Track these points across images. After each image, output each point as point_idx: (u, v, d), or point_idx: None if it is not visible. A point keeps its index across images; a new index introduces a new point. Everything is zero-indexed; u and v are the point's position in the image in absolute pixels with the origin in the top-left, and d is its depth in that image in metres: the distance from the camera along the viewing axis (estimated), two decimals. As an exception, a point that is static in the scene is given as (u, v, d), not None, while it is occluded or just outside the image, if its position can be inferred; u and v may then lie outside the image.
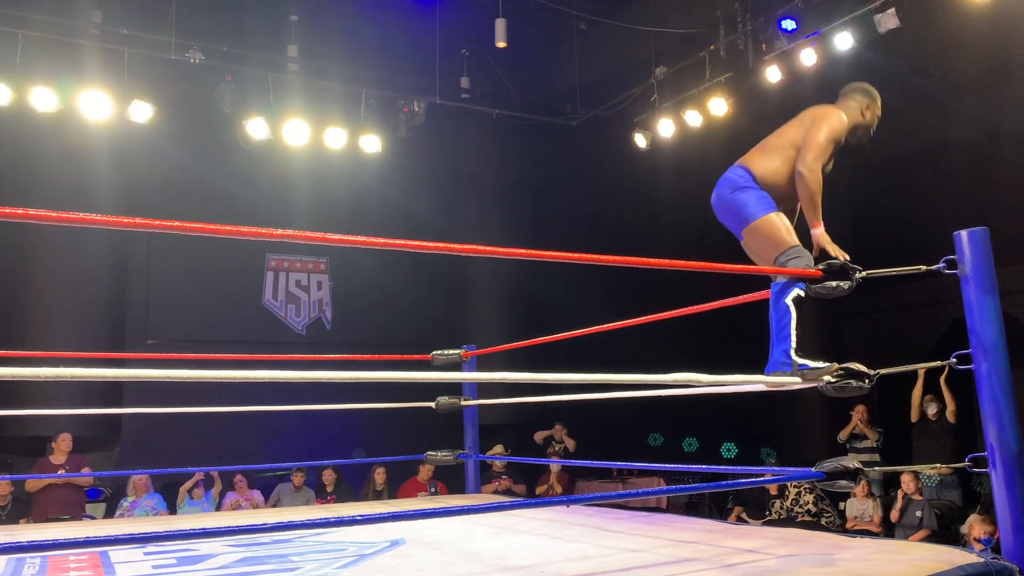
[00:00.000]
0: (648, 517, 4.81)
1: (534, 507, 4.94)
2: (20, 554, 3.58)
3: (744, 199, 3.41)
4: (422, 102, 9.33)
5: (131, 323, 9.21)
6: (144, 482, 7.35)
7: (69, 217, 2.09)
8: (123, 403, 8.45)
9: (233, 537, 4.07)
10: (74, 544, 2.28)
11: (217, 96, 8.50)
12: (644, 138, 9.42)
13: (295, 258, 10.51)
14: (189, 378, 2.34)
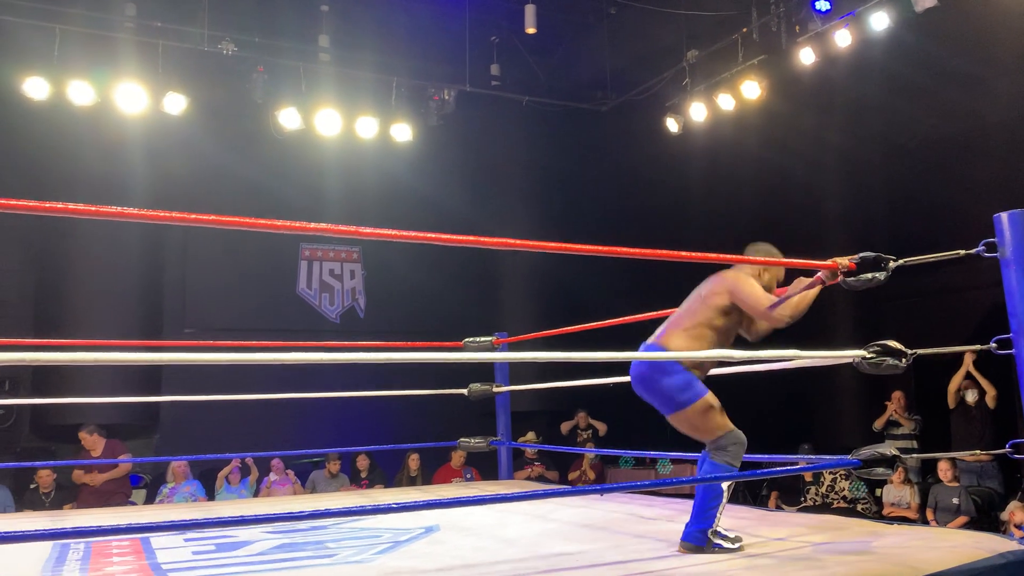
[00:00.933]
0: (682, 504, 4.80)
1: (567, 496, 4.96)
2: (66, 540, 3.67)
3: (676, 384, 3.24)
4: (452, 90, 9.32)
5: (168, 312, 9.36)
6: (183, 469, 7.48)
7: (108, 212, 2.12)
8: (162, 391, 8.60)
9: (270, 524, 4.14)
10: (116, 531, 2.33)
11: (250, 87, 8.56)
12: (676, 123, 9.33)
13: (328, 247, 10.59)
14: (227, 361, 2.38)
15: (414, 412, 8.81)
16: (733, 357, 2.90)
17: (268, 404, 6.90)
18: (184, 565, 3.18)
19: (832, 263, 3.17)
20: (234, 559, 3.30)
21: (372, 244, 10.63)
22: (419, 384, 6.18)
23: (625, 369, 3.44)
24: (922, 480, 7.88)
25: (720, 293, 3.27)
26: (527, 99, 10.00)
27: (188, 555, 3.38)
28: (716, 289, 3.30)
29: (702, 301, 3.33)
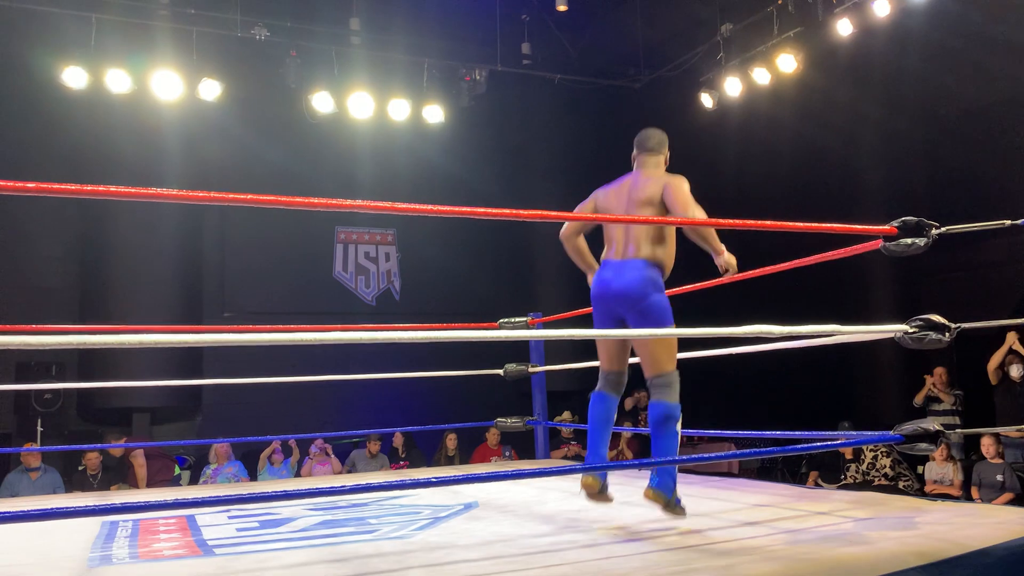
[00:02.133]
0: (720, 481, 4.79)
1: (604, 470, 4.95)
2: (114, 516, 3.76)
3: (663, 304, 3.21)
4: (483, 70, 9.29)
5: (208, 297, 9.52)
6: (225, 450, 7.61)
7: (150, 193, 2.16)
8: (203, 375, 8.75)
9: (313, 500, 4.20)
10: (162, 506, 2.38)
11: (283, 71, 8.63)
12: (711, 98, 9.22)
13: (363, 230, 10.66)
14: (266, 343, 2.41)
15: (451, 393, 8.87)
16: (773, 333, 2.87)
17: (307, 386, 6.99)
18: (229, 541, 3.24)
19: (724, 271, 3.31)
20: (278, 535, 3.35)
21: (406, 227, 10.69)
22: (455, 365, 6.22)
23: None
24: (965, 457, 7.76)
25: (657, 195, 3.27)
26: (559, 77, 9.95)
27: (233, 532, 3.45)
28: (655, 192, 3.29)
29: (645, 206, 3.30)
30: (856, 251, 3.48)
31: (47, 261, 9.04)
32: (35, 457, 6.75)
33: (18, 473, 6.77)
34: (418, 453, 8.47)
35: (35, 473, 6.71)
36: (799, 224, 3.18)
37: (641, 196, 3.30)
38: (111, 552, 3.09)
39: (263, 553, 2.96)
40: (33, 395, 7.99)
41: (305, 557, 2.88)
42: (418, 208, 2.61)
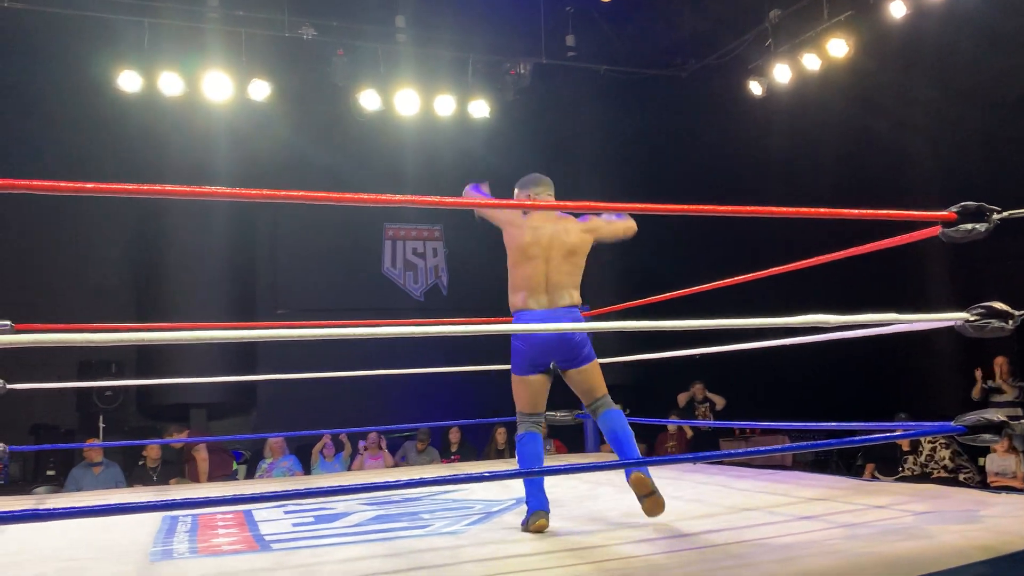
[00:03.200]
0: (774, 475, 4.72)
1: (657, 465, 4.93)
2: (174, 512, 3.85)
3: (587, 340, 3.49)
4: (528, 63, 9.27)
5: (260, 295, 9.71)
6: (280, 444, 7.73)
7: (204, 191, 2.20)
8: (257, 371, 8.91)
9: (367, 495, 4.25)
10: (222, 502, 2.43)
11: (330, 70, 8.72)
12: (759, 85, 9.08)
13: (411, 227, 10.74)
14: (319, 337, 2.45)
15: (500, 387, 8.86)
16: (828, 322, 2.81)
17: (359, 381, 7.06)
18: (286, 536, 3.29)
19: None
20: (332, 530, 3.40)
21: (453, 222, 10.73)
22: (504, 359, 6.21)
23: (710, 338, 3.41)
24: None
25: (587, 242, 3.47)
26: (604, 68, 9.88)
27: (289, 527, 3.50)
28: (584, 241, 3.47)
29: (575, 255, 3.45)
30: (913, 238, 3.39)
31: (105, 262, 9.29)
32: (97, 452, 6.94)
33: (82, 468, 6.96)
34: (469, 447, 8.51)
35: (98, 468, 6.90)
36: (853, 211, 3.11)
37: (571, 241, 3.47)
38: (172, 547, 3.16)
39: (318, 548, 3.00)
40: (95, 392, 8.23)
41: (360, 552, 2.91)
42: (466, 202, 2.62)
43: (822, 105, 9.11)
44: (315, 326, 2.81)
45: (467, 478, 2.65)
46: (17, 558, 3.05)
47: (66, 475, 7.22)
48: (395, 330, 2.57)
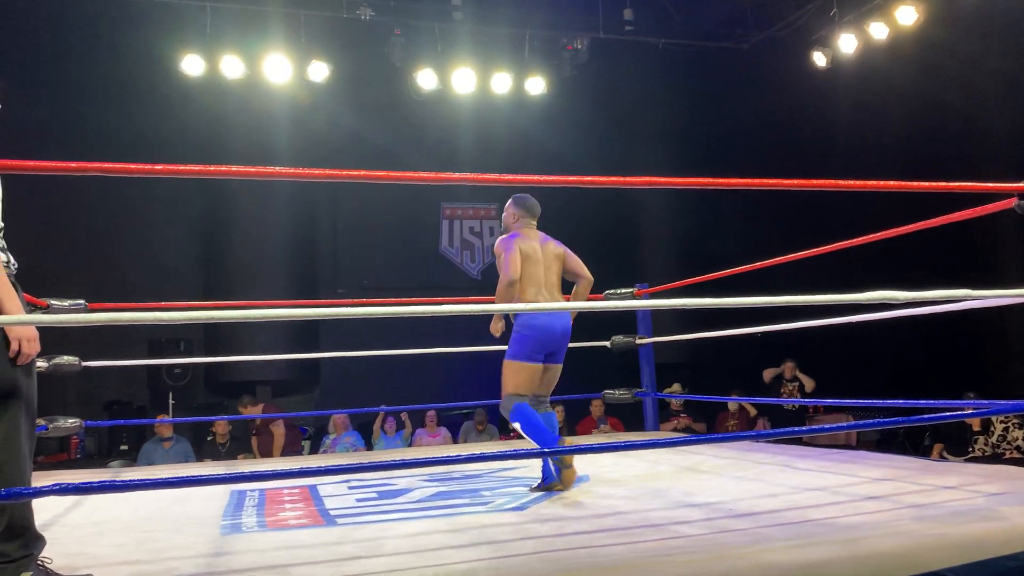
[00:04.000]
0: (838, 454, 4.64)
1: (718, 443, 4.89)
2: (242, 485, 3.95)
3: None
4: (585, 39, 9.18)
5: (322, 274, 9.89)
6: (343, 420, 7.88)
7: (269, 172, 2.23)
8: (320, 348, 9.08)
9: (427, 471, 4.30)
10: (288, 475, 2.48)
11: (388, 50, 8.76)
12: (823, 56, 8.84)
13: (467, 206, 10.79)
14: (379, 315, 2.49)
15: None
16: (896, 299, 2.74)
17: (417, 359, 7.14)
18: (350, 511, 3.35)
19: None
20: (395, 505, 3.45)
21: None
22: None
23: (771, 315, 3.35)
24: (1108, 429, 7.27)
25: (563, 256, 3.96)
26: (663, 42, 9.72)
27: (353, 502, 3.57)
28: (562, 255, 3.97)
29: (559, 262, 3.95)
30: (987, 211, 3.28)
31: (173, 243, 9.54)
32: (168, 428, 7.16)
33: (153, 443, 7.20)
34: (527, 425, 8.55)
35: (168, 443, 7.12)
36: (923, 184, 3.02)
37: (557, 251, 3.97)
38: (241, 520, 3.25)
39: (383, 523, 3.05)
40: (164, 370, 8.49)
41: (423, 527, 2.95)
42: (524, 179, 2.61)
43: (889, 76, 8.83)
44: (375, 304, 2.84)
45: (527, 454, 2.66)
46: (97, 528, 3.17)
47: (138, 450, 7.48)
48: (453, 308, 2.59)
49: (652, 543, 2.54)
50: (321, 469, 2.45)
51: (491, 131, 10.02)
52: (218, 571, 2.45)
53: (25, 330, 2.24)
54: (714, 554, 2.34)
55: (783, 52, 9.64)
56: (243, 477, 2.45)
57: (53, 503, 3.58)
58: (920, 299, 2.92)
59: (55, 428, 4.80)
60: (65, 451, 7.85)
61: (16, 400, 2.24)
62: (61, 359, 4.77)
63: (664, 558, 2.31)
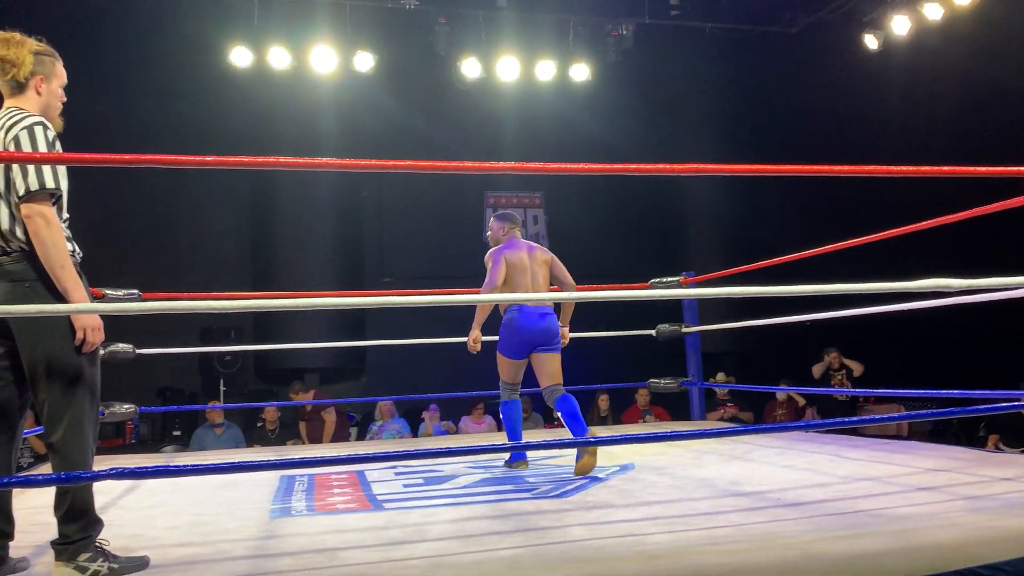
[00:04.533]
0: (890, 444, 4.57)
1: (765, 433, 4.84)
2: (292, 471, 4.02)
3: (558, 334, 4.24)
4: (630, 24, 9.09)
5: (368, 264, 9.99)
6: (389, 407, 7.96)
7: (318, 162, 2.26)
8: (366, 337, 9.18)
9: (472, 458, 4.33)
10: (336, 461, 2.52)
11: (432, 39, 8.78)
12: (875, 39, 8.64)
13: (511, 194, 10.79)
14: (425, 303, 2.52)
15: (603, 354, 8.87)
16: (951, 287, 2.68)
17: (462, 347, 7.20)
18: (397, 496, 3.39)
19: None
20: (441, 491, 3.48)
21: (554, 189, 10.72)
22: (607, 326, 6.20)
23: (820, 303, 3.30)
24: None
25: (549, 262, 4.23)
26: (710, 26, 9.58)
27: (400, 487, 3.61)
28: (548, 261, 4.23)
29: (545, 267, 4.20)
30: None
31: (222, 233, 9.71)
32: (219, 414, 7.31)
33: (204, 429, 7.35)
34: (572, 413, 8.55)
35: (219, 429, 7.27)
36: (978, 169, 2.94)
37: (543, 257, 4.24)
38: (290, 504, 3.30)
39: (429, 508, 3.08)
40: (215, 357, 8.66)
41: (468, 513, 2.98)
42: (568, 167, 2.60)
43: (943, 58, 8.60)
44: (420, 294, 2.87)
45: (572, 443, 2.66)
46: (151, 511, 3.25)
47: (190, 435, 7.65)
48: (497, 297, 2.60)
49: (698, 532, 2.53)
50: (371, 456, 2.48)
51: (535, 119, 10.00)
52: (268, 554, 2.49)
53: (90, 320, 2.30)
54: (762, 544, 2.32)
55: (833, 35, 9.44)
56: (293, 463, 2.49)
57: (110, 487, 3.68)
58: (976, 287, 2.85)
59: (111, 414, 4.93)
60: (120, 436, 8.06)
61: (82, 387, 2.31)
62: (116, 347, 4.90)
63: (710, 547, 2.30)
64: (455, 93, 9.42)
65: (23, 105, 2.38)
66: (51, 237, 2.25)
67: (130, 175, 8.32)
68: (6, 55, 2.35)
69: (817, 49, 9.79)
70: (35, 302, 2.25)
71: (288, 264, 9.17)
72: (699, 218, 10.50)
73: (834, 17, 9.33)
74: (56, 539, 2.28)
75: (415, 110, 9.79)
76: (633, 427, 7.26)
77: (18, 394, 2.36)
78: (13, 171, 2.25)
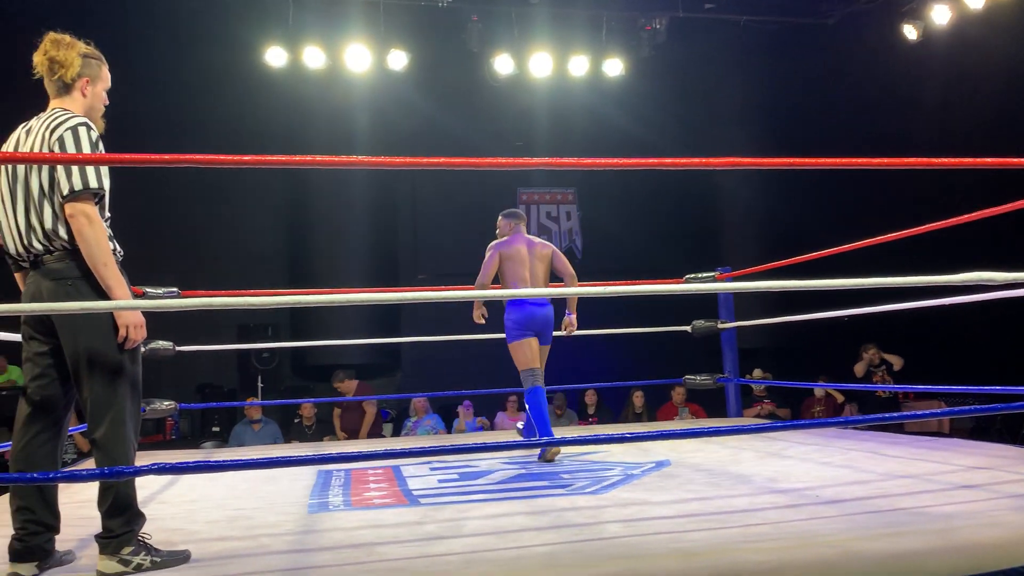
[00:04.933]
0: (930, 442, 4.49)
1: (803, 429, 4.79)
2: (329, 466, 4.06)
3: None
4: (664, 18, 9.02)
5: (402, 261, 10.05)
6: (424, 404, 8.00)
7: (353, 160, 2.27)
8: (401, 333, 9.24)
9: (507, 454, 4.34)
10: (372, 456, 2.54)
11: (465, 36, 8.80)
12: (914, 29, 8.48)
13: (544, 191, 10.78)
14: (459, 299, 2.52)
15: (638, 350, 8.84)
16: (995, 280, 2.62)
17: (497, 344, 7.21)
18: (432, 491, 3.41)
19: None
20: (476, 487, 3.49)
21: (587, 185, 10.69)
22: (641, 323, 6.17)
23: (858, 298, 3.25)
24: None
25: (548, 255, 4.49)
26: (744, 19, 9.47)
27: (435, 483, 3.63)
28: (547, 255, 4.48)
29: (544, 261, 4.46)
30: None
31: (259, 231, 9.83)
32: (257, 410, 7.40)
33: (243, 425, 7.45)
34: (606, 410, 8.53)
35: (257, 425, 7.36)
36: (1020, 160, 2.88)
37: (543, 252, 4.50)
38: (327, 499, 3.34)
39: (464, 504, 3.09)
40: (253, 354, 8.76)
41: (504, 508, 2.98)
42: (601, 162, 2.59)
43: (985, 47, 8.42)
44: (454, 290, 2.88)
45: (607, 439, 2.66)
46: (192, 506, 3.30)
47: (229, 431, 7.75)
48: (531, 292, 2.60)
49: (736, 529, 2.51)
50: (406, 451, 2.49)
51: (568, 115, 9.98)
52: (307, 548, 2.52)
53: (132, 317, 2.34)
54: (800, 542, 2.30)
55: (870, 26, 9.30)
56: (330, 458, 2.51)
57: (151, 481, 3.75)
58: (1019, 280, 2.79)
59: (152, 410, 5.01)
60: (161, 432, 8.19)
61: (123, 384, 2.35)
62: (156, 344, 4.97)
63: (748, 545, 2.28)
64: (488, 90, 9.43)
65: (68, 106, 2.43)
66: (94, 236, 2.29)
67: (169, 174, 8.44)
68: (56, 56, 2.40)
69: (854, 41, 9.64)
70: (78, 300, 2.30)
71: (323, 261, 9.26)
72: (734, 214, 10.41)
73: (872, 7, 9.19)
74: (100, 533, 2.32)
75: (448, 107, 9.82)
76: (669, 424, 7.22)
77: (63, 391, 2.41)
78: (58, 171, 2.30)
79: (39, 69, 2.43)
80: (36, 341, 2.39)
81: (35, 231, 2.33)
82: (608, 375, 8.61)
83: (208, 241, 9.58)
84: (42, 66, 2.42)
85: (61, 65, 2.41)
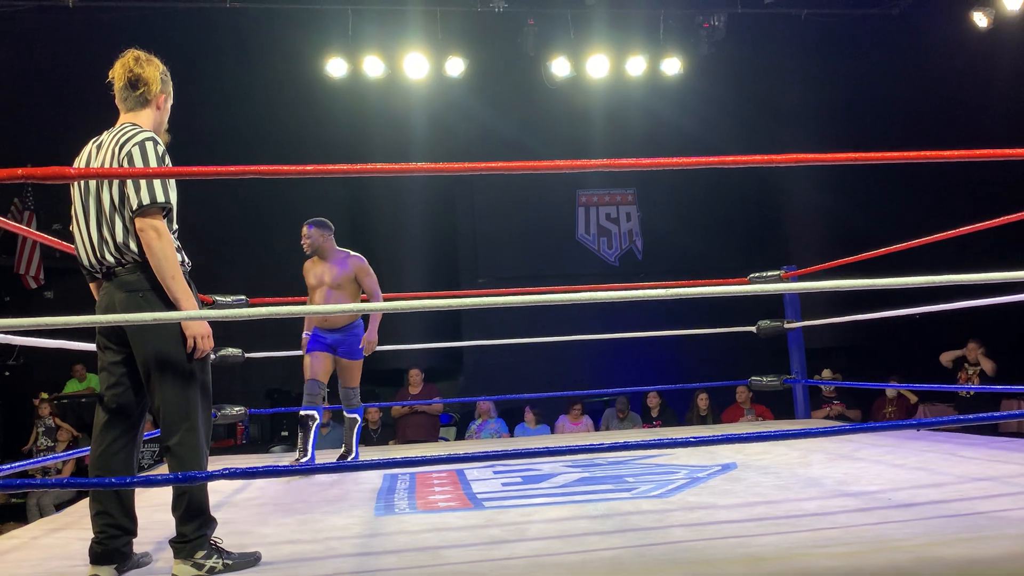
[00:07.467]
0: (1009, 443, 4.34)
1: (874, 431, 4.67)
2: (395, 470, 4.11)
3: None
4: (722, 15, 8.91)
5: (463, 265, 10.13)
6: (488, 407, 8.05)
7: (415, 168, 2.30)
8: (462, 337, 9.30)
9: (571, 458, 4.33)
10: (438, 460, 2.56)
11: (521, 40, 8.83)
12: (984, 16, 8.21)
13: (603, 192, 10.75)
14: (520, 303, 2.52)
15: (702, 352, 8.75)
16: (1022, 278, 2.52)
17: (560, 346, 7.19)
18: (496, 495, 3.42)
19: None
20: (540, 490, 3.49)
21: (646, 185, 10.62)
22: (705, 324, 6.10)
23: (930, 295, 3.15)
24: None
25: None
26: (805, 13, 9.29)
27: (499, 486, 3.64)
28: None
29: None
30: None
31: (322, 238, 9.97)
32: (324, 415, 7.52)
33: (310, 430, 7.57)
34: (670, 412, 8.44)
35: (324, 429, 7.49)
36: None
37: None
38: (393, 503, 3.37)
39: (527, 507, 3.09)
40: (320, 360, 8.90)
41: (567, 512, 2.98)
42: (661, 162, 2.57)
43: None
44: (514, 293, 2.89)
45: (671, 443, 2.63)
46: (262, 510, 3.37)
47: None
48: (592, 295, 2.59)
49: (805, 534, 2.46)
50: (470, 455, 2.51)
51: (626, 116, 9.92)
52: (374, 552, 2.55)
53: (199, 327, 2.40)
54: (872, 546, 2.24)
55: (937, 15, 9.02)
56: (396, 463, 2.54)
57: (223, 485, 3.84)
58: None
59: (223, 416, 5.14)
60: (232, 437, 8.39)
61: (195, 391, 2.42)
62: (227, 351, 5.10)
63: (818, 549, 2.24)
64: (545, 93, 9.44)
65: (137, 121, 2.51)
66: (163, 249, 2.36)
67: (235, 185, 8.65)
68: (142, 74, 2.49)
69: (920, 30, 9.37)
70: (149, 311, 2.37)
71: (384, 267, 9.30)
72: (797, 212, 10.22)
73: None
74: (174, 537, 2.39)
75: (505, 112, 9.87)
76: (734, 426, 7.12)
77: (137, 399, 2.49)
78: (127, 186, 2.37)
79: (119, 84, 2.51)
80: (110, 351, 2.47)
81: (107, 244, 2.41)
82: (671, 377, 8.54)
83: (272, 249, 9.78)
84: (122, 81, 2.50)
85: (145, 82, 2.50)
